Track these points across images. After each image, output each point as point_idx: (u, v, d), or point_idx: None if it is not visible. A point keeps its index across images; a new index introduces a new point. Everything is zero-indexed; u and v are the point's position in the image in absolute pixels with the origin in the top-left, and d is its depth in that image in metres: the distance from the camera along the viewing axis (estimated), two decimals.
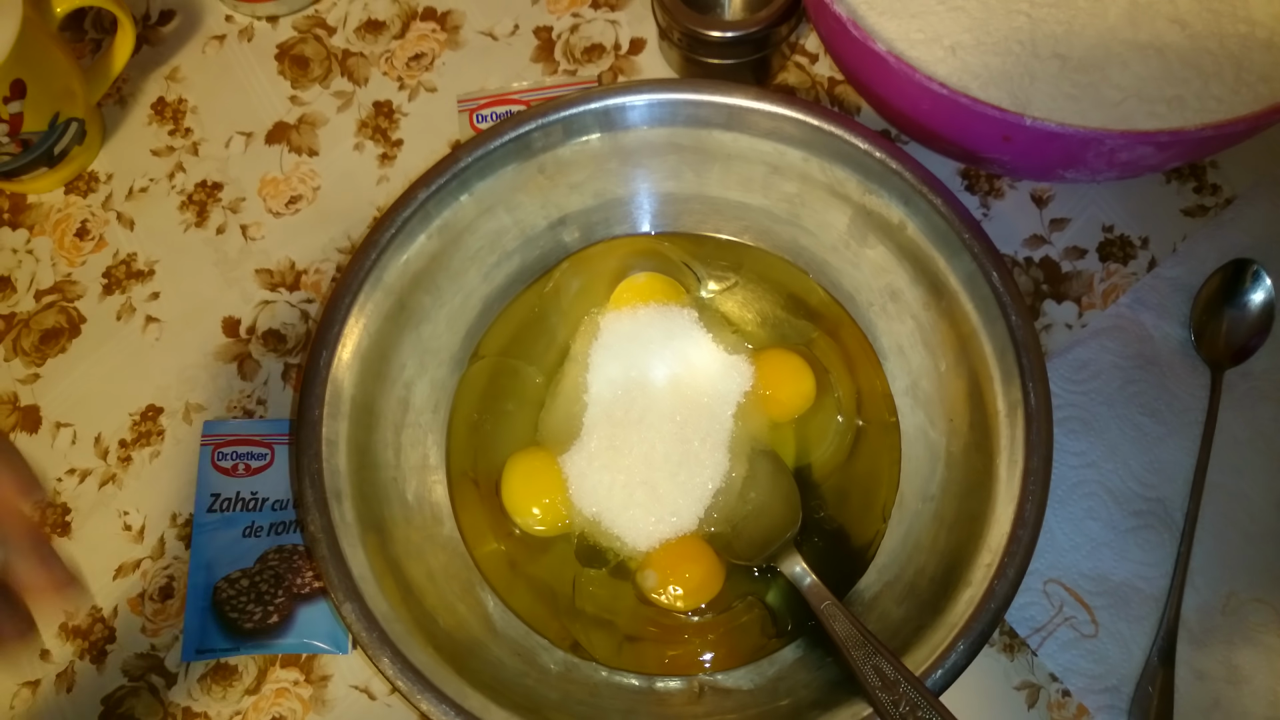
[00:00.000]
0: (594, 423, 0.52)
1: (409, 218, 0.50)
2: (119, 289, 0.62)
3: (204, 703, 0.53)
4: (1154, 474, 0.53)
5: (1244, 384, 0.54)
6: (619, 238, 0.57)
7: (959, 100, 0.45)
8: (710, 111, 0.51)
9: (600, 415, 0.52)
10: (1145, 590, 0.51)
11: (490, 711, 0.42)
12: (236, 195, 0.63)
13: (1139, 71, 0.49)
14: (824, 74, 0.63)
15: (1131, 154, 0.46)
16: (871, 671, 0.41)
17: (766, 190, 0.54)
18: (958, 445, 0.48)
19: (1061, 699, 0.51)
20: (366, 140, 0.64)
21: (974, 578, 0.43)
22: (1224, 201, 0.58)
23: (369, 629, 0.43)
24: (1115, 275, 0.57)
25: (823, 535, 0.51)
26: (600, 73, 0.64)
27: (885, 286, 0.52)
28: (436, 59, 0.65)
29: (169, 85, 0.66)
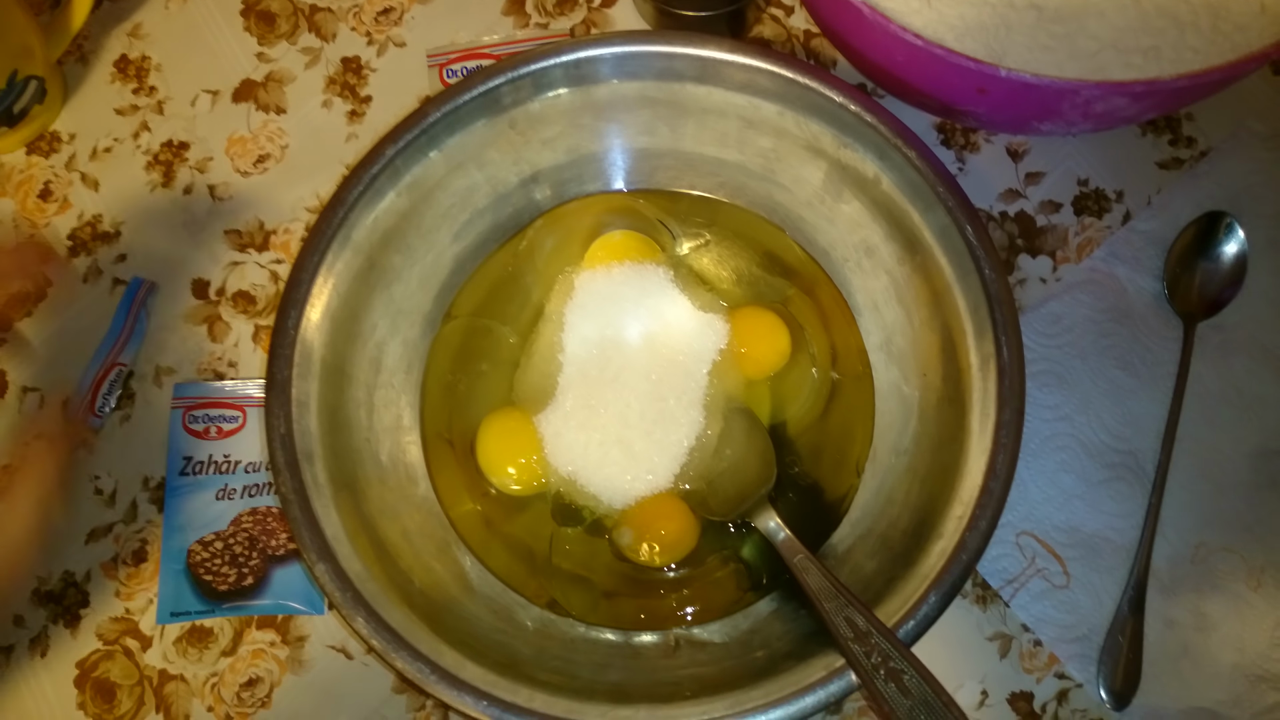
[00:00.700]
0: (569, 382, 0.52)
1: (377, 175, 0.49)
2: (85, 251, 0.60)
3: (180, 665, 0.53)
4: (1126, 426, 0.54)
5: (1216, 336, 0.55)
6: (593, 195, 0.57)
7: (934, 51, 0.44)
8: (683, 64, 0.50)
9: (575, 374, 0.52)
10: (1116, 541, 0.52)
11: (465, 668, 0.42)
12: (203, 155, 0.62)
13: (1115, 21, 0.49)
14: (800, 26, 0.62)
15: (1107, 105, 0.46)
16: (844, 623, 0.41)
17: (741, 145, 0.53)
18: (931, 399, 0.48)
19: (1033, 649, 0.51)
20: (335, 97, 0.63)
21: (946, 530, 0.43)
22: (1199, 154, 0.58)
23: (342, 589, 0.43)
24: (1090, 229, 0.57)
25: (797, 490, 0.51)
26: (573, 25, 0.63)
27: (860, 242, 0.52)
28: (405, 13, 0.64)
29: (131, 42, 0.64)
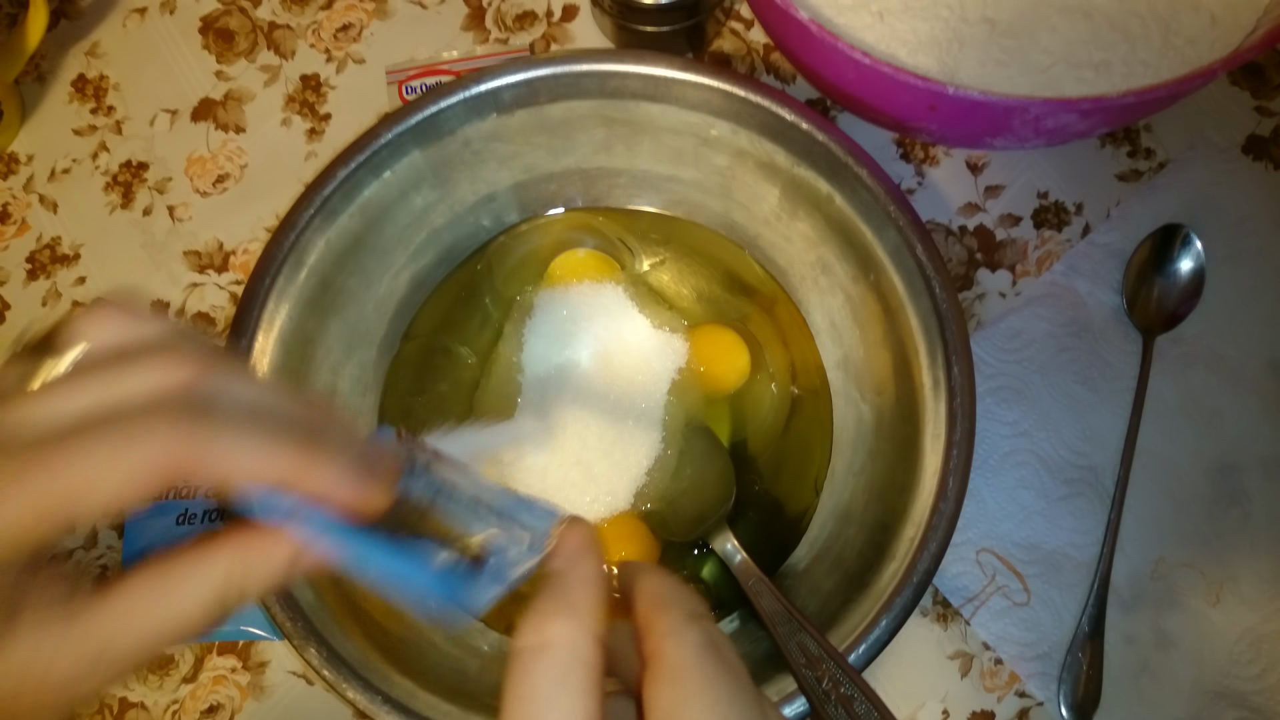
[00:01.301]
0: (528, 403, 0.52)
1: (329, 196, 0.48)
2: (44, 274, 0.60)
3: (140, 692, 0.53)
4: (1086, 442, 0.53)
5: (1175, 349, 0.54)
6: (552, 213, 0.57)
7: (881, 70, 0.44)
8: (636, 83, 0.49)
9: (534, 395, 0.52)
10: (1076, 558, 0.52)
11: (417, 697, 0.42)
12: (163, 175, 0.62)
13: (1067, 36, 0.49)
14: (760, 40, 0.62)
15: (1057, 121, 0.45)
16: (796, 648, 0.41)
17: (698, 163, 0.53)
18: (886, 418, 0.48)
19: (994, 667, 0.51)
20: (294, 115, 0.62)
21: (898, 551, 0.43)
22: (1158, 165, 0.58)
23: (293, 619, 0.42)
24: (1049, 242, 0.57)
25: (758, 509, 0.51)
26: (533, 41, 0.63)
27: (817, 260, 0.52)
28: (364, 29, 0.64)
29: (89, 61, 0.64)
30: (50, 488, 0.23)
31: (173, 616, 0.25)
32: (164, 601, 0.25)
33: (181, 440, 0.23)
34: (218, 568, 0.25)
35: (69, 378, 0.25)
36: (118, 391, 0.24)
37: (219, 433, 0.24)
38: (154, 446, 0.23)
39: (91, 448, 0.23)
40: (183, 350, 0.25)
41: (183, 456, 0.23)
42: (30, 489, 0.23)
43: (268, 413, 0.26)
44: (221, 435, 0.24)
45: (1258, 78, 0.59)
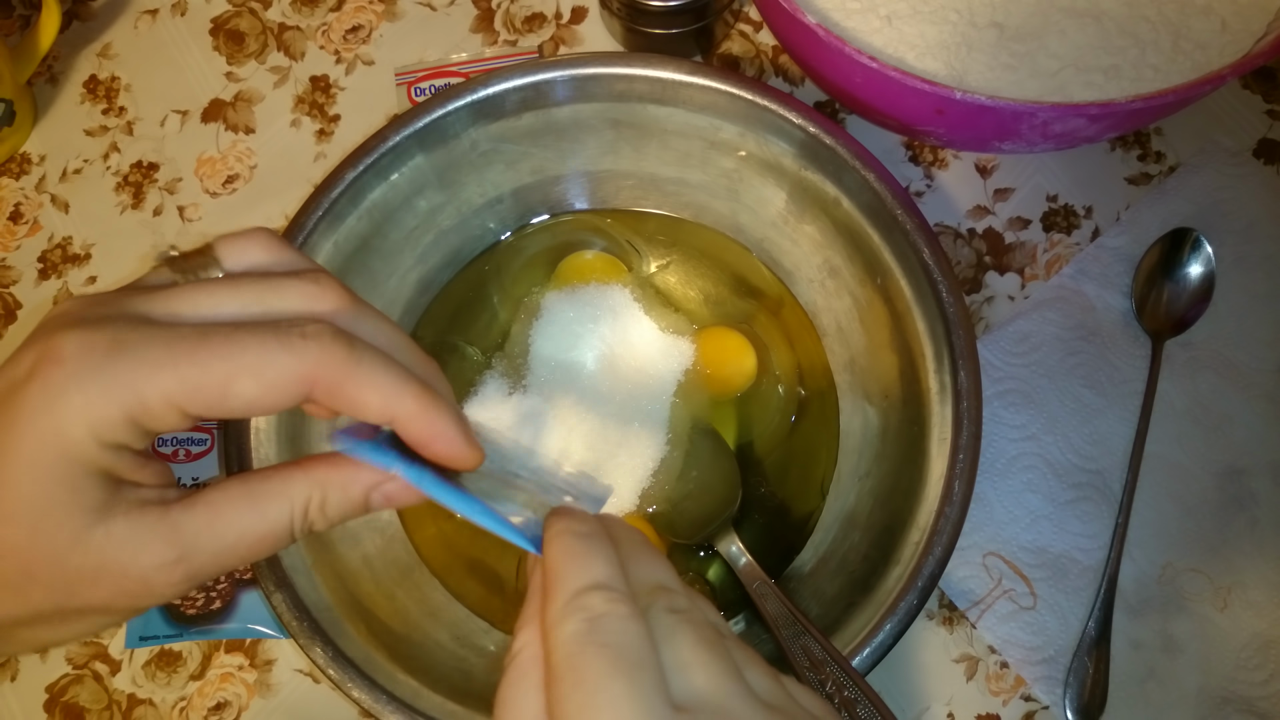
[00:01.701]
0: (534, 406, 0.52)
1: (336, 199, 0.48)
2: (55, 273, 0.61)
3: (149, 689, 0.53)
4: (1094, 446, 0.53)
5: (1184, 354, 0.54)
6: (560, 215, 0.57)
7: (889, 74, 0.44)
8: (643, 86, 0.50)
9: (541, 397, 0.52)
10: (1083, 562, 0.52)
11: (422, 697, 0.42)
12: (173, 175, 0.62)
13: (1076, 40, 0.48)
14: (768, 42, 0.62)
15: (1065, 126, 0.45)
16: (800, 651, 0.41)
17: (705, 166, 0.53)
18: (892, 421, 0.48)
19: (1000, 670, 0.51)
20: (303, 116, 0.63)
21: (903, 555, 0.43)
22: (1168, 169, 0.58)
23: (299, 618, 0.43)
24: (1059, 245, 0.57)
25: (763, 512, 0.51)
26: (541, 43, 0.63)
27: (824, 263, 0.51)
28: (374, 31, 0.64)
29: (101, 63, 0.64)
30: (210, 367, 0.24)
31: (253, 529, 0.26)
32: (248, 514, 0.26)
33: (331, 360, 0.25)
34: (300, 491, 0.27)
35: (223, 281, 0.27)
36: (270, 302, 0.26)
37: (361, 364, 0.25)
38: (308, 357, 0.25)
39: (253, 343, 0.24)
40: (326, 280, 0.27)
41: (328, 375, 0.25)
42: (189, 364, 0.24)
43: (398, 355, 0.27)
44: (363, 367, 0.26)
45: (1269, 81, 0.59)
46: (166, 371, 0.24)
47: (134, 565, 0.25)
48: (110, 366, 0.23)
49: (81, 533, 0.24)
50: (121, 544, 0.25)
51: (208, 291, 0.26)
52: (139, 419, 0.24)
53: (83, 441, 0.23)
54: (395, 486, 0.28)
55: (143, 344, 0.24)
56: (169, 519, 0.25)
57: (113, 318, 0.24)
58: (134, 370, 0.23)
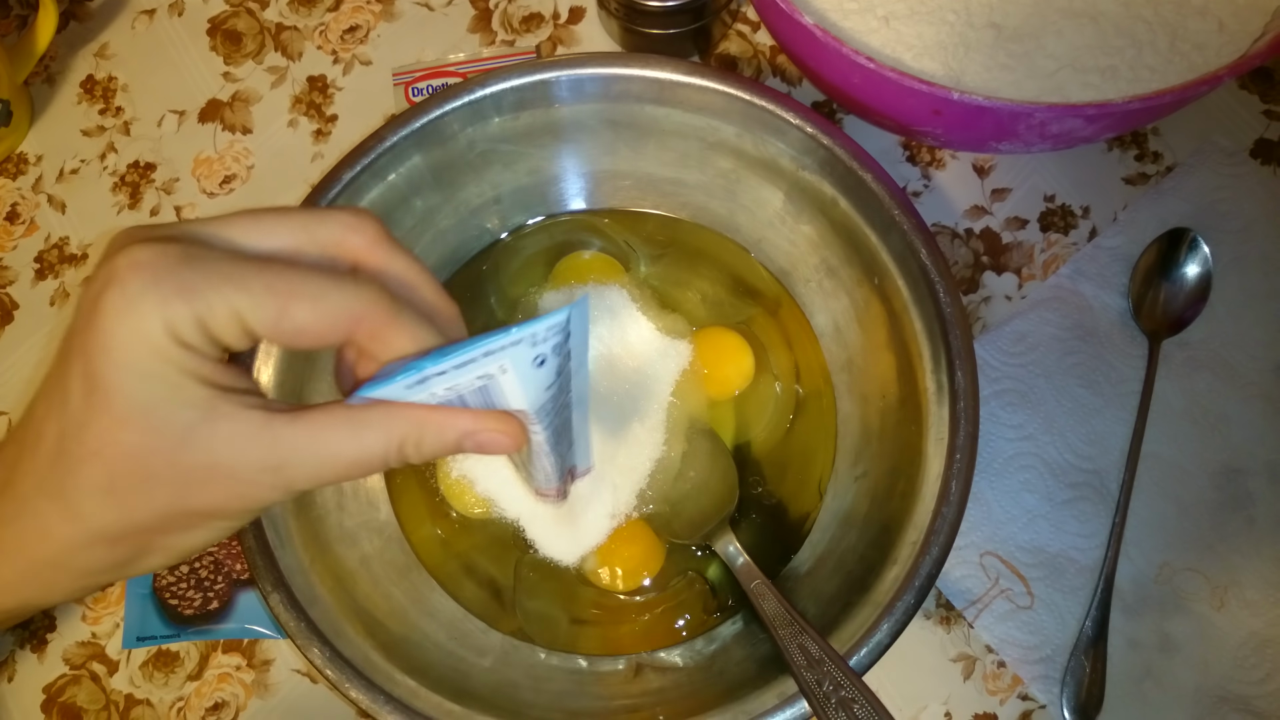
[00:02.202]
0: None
1: (334, 199, 0.48)
2: (52, 274, 0.60)
3: (146, 689, 0.53)
4: (1091, 445, 0.53)
5: (1181, 354, 0.54)
6: (557, 215, 0.57)
7: (886, 75, 0.44)
8: (640, 86, 0.50)
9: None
10: (1080, 561, 0.52)
11: (419, 697, 0.42)
12: (170, 176, 0.62)
13: (1073, 41, 0.48)
14: (765, 43, 0.62)
15: (1062, 126, 0.45)
16: (797, 650, 0.41)
17: (702, 166, 0.53)
18: (890, 422, 0.48)
19: (997, 670, 0.51)
20: (301, 117, 0.62)
21: (900, 555, 0.43)
22: (1165, 169, 0.58)
23: (296, 618, 0.43)
24: (1056, 245, 0.57)
25: (761, 511, 0.51)
26: (539, 43, 0.63)
27: (821, 263, 0.52)
28: (371, 31, 0.64)
29: (98, 63, 0.64)
30: (274, 286, 0.26)
31: (349, 452, 0.28)
32: (348, 439, 0.28)
33: (377, 306, 0.27)
34: (399, 426, 0.28)
35: (272, 210, 0.28)
36: (314, 230, 0.28)
37: (401, 313, 0.28)
38: (360, 298, 0.27)
39: (312, 275, 0.26)
40: (364, 212, 0.29)
41: (373, 318, 0.27)
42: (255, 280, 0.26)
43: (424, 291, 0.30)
44: (403, 315, 0.28)
45: (1266, 81, 0.59)
46: (234, 284, 0.25)
47: (240, 467, 0.26)
48: (182, 271, 0.25)
49: (188, 432, 0.26)
50: (227, 443, 0.26)
51: (258, 219, 0.28)
52: (207, 323, 0.25)
53: (161, 339, 0.25)
54: (487, 436, 0.30)
55: (211, 259, 0.26)
56: (272, 428, 0.27)
57: (180, 237, 0.26)
58: (205, 278, 0.25)
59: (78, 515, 0.27)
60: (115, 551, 0.28)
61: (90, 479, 0.26)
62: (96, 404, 0.25)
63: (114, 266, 0.25)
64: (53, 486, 0.26)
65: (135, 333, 0.25)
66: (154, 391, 0.25)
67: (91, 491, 0.26)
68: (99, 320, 0.25)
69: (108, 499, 0.26)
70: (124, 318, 0.24)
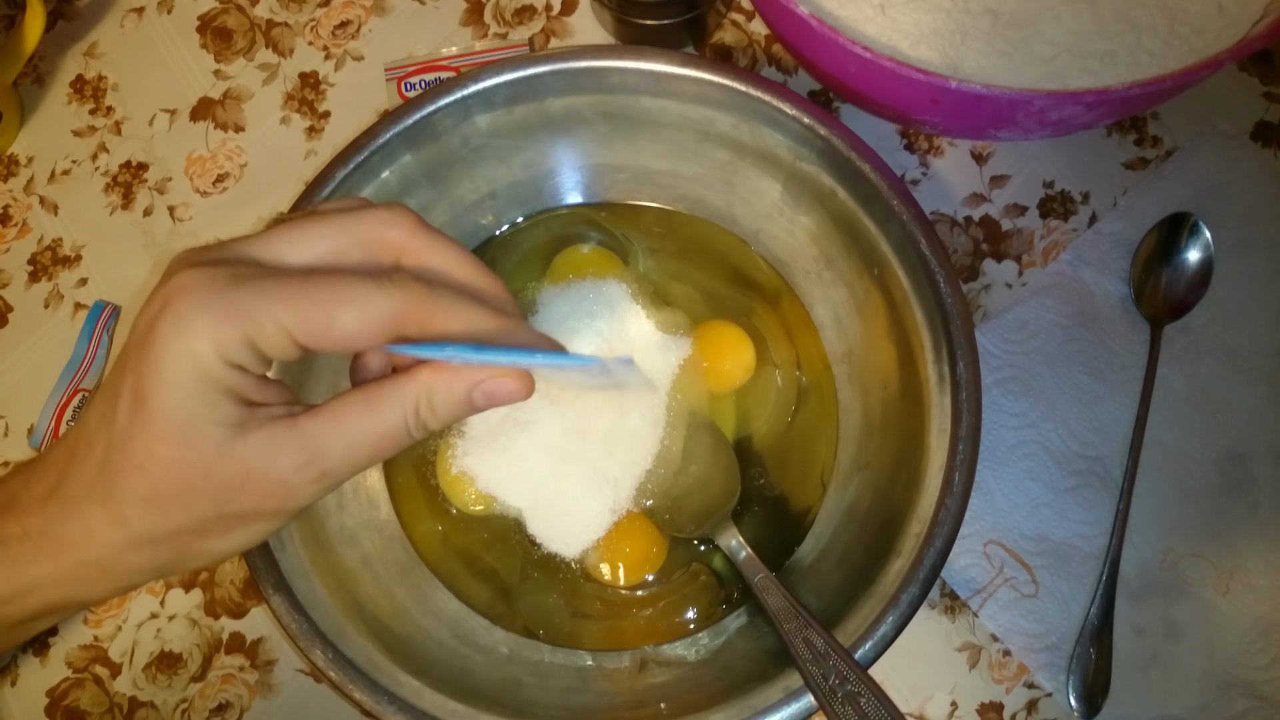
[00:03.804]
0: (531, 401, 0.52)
1: (327, 197, 0.48)
2: (45, 276, 0.60)
3: (150, 692, 0.53)
4: (1093, 432, 0.53)
5: (1183, 339, 0.54)
6: (554, 210, 0.56)
7: (883, 64, 0.44)
8: (635, 79, 0.49)
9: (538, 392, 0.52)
10: (1085, 549, 0.52)
11: (424, 696, 0.42)
12: (162, 175, 0.61)
13: (1071, 26, 0.48)
14: (761, 31, 0.61)
15: (1061, 113, 0.45)
16: (802, 644, 0.41)
17: (699, 158, 0.52)
18: (891, 413, 0.48)
19: (1002, 659, 0.51)
20: (293, 113, 0.62)
21: (904, 547, 0.43)
22: (1165, 153, 0.58)
23: (298, 620, 0.42)
24: (1056, 232, 0.57)
25: (763, 504, 0.51)
26: (532, 35, 0.63)
27: (820, 254, 0.51)
28: (363, 26, 0.63)
29: (87, 62, 0.64)
30: (319, 299, 0.27)
31: (372, 430, 0.30)
32: (367, 418, 0.30)
33: (417, 299, 0.29)
34: (409, 393, 0.30)
35: (311, 217, 0.30)
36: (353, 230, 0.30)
37: (441, 298, 0.29)
38: (398, 296, 0.28)
39: (352, 281, 0.28)
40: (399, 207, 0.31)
41: (416, 310, 0.29)
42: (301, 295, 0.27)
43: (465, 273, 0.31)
44: (443, 300, 0.29)
45: (1267, 64, 0.59)
46: (280, 301, 0.27)
47: (274, 469, 0.28)
48: (231, 294, 0.27)
49: (224, 445, 0.28)
50: (259, 452, 0.28)
51: (299, 229, 0.29)
52: (256, 342, 0.27)
53: (211, 360, 0.26)
54: (495, 385, 0.31)
55: (258, 278, 0.27)
56: (298, 427, 0.28)
57: (228, 259, 0.28)
58: (252, 299, 0.27)
59: (123, 521, 0.29)
60: (157, 554, 0.30)
61: (134, 489, 0.28)
62: (140, 420, 0.27)
63: (168, 291, 0.27)
64: (101, 493, 0.28)
65: (185, 354, 0.26)
66: (194, 409, 0.27)
67: (135, 501, 0.28)
68: (152, 341, 0.26)
69: (150, 507, 0.28)
70: (175, 340, 0.26)
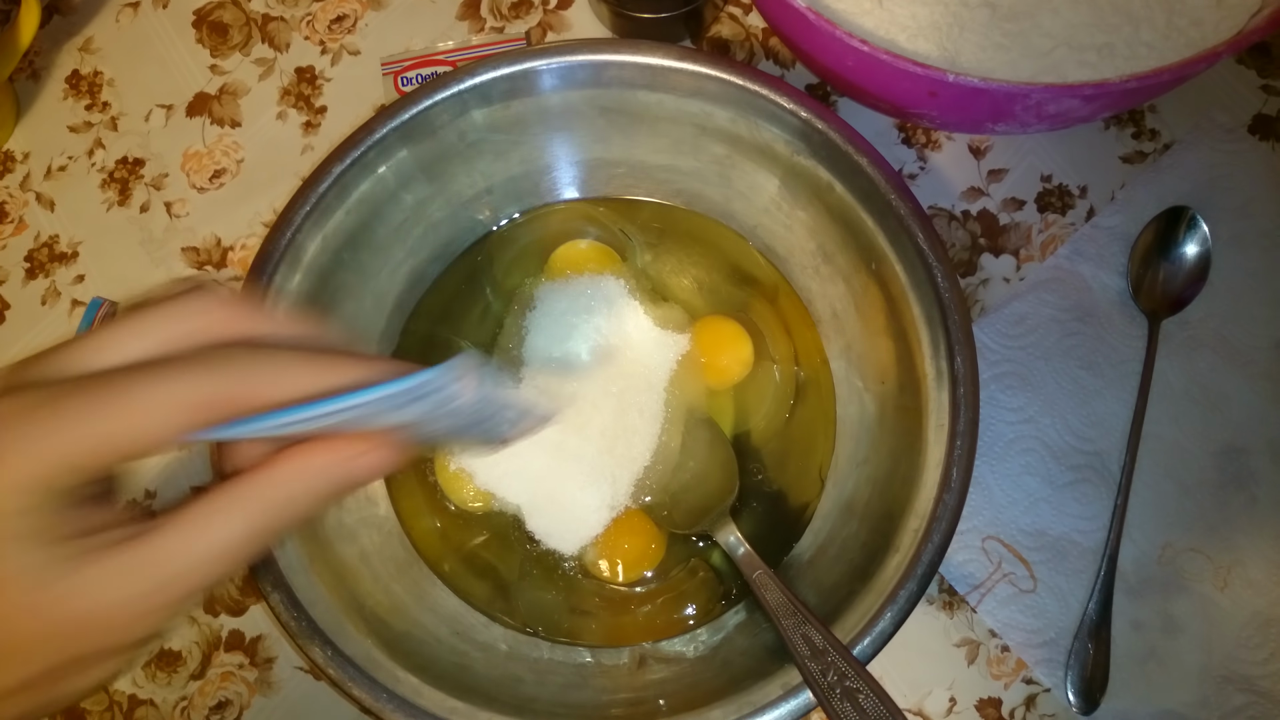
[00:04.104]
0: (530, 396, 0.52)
1: (324, 193, 0.48)
2: (43, 273, 0.60)
3: (149, 690, 0.53)
4: (1091, 427, 0.53)
5: (1181, 333, 0.54)
6: (552, 204, 0.56)
7: (880, 57, 0.43)
8: (631, 72, 0.49)
9: (536, 389, 0.52)
10: (1083, 544, 0.52)
11: (423, 694, 0.42)
12: (159, 171, 0.61)
13: (1069, 18, 0.48)
14: (758, 25, 0.61)
15: (1059, 107, 0.45)
16: (801, 640, 0.41)
17: (696, 152, 0.52)
18: (889, 408, 0.48)
19: (1001, 654, 0.51)
20: (289, 109, 0.62)
21: (903, 543, 0.43)
22: (1163, 147, 0.57)
23: (297, 618, 0.42)
24: (1054, 226, 0.57)
25: (761, 499, 0.51)
26: (529, 29, 0.62)
27: (817, 249, 0.51)
28: (359, 20, 0.63)
29: (83, 57, 0.64)
30: (94, 421, 0.24)
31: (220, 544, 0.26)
32: (214, 530, 0.26)
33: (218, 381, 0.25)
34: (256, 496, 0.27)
35: (101, 326, 0.27)
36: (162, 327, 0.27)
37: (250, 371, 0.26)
38: (192, 386, 0.25)
39: (135, 385, 0.25)
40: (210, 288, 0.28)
41: (220, 395, 0.25)
42: (73, 421, 0.24)
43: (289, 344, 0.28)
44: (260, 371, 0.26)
45: (1264, 56, 0.58)
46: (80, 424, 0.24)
47: (112, 604, 0.25)
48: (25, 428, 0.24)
49: (49, 589, 0.24)
50: (91, 588, 0.25)
51: (116, 329, 0.26)
52: (57, 478, 0.24)
53: (15, 506, 0.24)
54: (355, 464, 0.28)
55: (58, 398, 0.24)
56: (135, 552, 0.25)
57: (23, 385, 0.25)
58: (49, 430, 0.24)
59: None
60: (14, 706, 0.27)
61: None
62: None
63: None
64: None
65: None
66: (12, 560, 0.24)
67: None
68: None
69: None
70: None
